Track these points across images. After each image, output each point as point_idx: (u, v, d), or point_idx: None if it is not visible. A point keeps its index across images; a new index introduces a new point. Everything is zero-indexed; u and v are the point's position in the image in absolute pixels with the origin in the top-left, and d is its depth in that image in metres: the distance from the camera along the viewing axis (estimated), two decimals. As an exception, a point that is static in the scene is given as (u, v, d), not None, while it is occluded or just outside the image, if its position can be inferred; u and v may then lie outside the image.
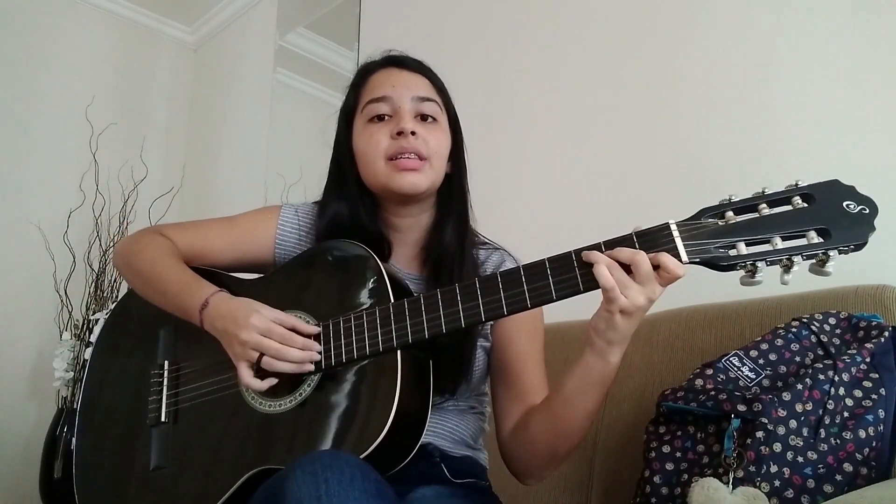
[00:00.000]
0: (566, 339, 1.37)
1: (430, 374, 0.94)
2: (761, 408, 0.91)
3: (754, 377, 1.00)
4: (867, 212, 0.74)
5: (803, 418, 0.91)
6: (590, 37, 1.81)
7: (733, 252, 0.77)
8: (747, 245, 0.77)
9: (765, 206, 0.77)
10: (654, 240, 0.80)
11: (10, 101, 2.76)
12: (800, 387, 0.93)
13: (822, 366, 0.95)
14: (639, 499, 1.02)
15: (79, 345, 2.49)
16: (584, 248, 0.83)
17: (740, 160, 1.46)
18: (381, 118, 1.05)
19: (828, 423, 0.90)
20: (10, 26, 2.79)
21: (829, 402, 0.91)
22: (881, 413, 0.90)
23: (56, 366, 2.45)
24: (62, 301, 2.59)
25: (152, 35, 3.23)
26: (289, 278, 1.05)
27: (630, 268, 0.79)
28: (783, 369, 1.00)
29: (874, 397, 0.91)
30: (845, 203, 0.75)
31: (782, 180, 0.79)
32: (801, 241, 0.75)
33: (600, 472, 1.27)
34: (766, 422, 0.90)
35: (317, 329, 0.94)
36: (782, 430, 0.90)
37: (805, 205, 0.76)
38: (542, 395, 1.01)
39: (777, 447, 0.89)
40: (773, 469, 0.88)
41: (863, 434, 0.89)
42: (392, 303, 0.91)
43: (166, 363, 1.07)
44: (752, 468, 0.88)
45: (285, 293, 1.02)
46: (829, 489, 0.86)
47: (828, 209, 0.75)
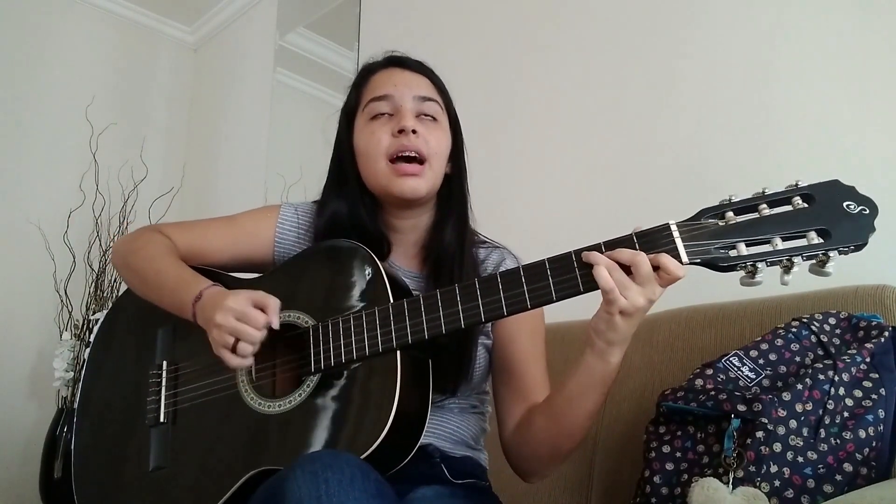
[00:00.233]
0: (566, 339, 1.37)
1: (430, 374, 0.94)
2: (761, 408, 0.91)
3: (754, 377, 1.00)
4: (867, 212, 0.74)
5: (803, 418, 0.91)
6: (590, 37, 1.81)
7: (733, 252, 0.77)
8: (747, 245, 0.77)
9: (765, 206, 0.77)
10: (654, 240, 0.80)
11: (10, 101, 2.76)
12: (800, 387, 0.93)
13: (822, 366, 0.95)
14: (639, 499, 1.02)
15: (79, 345, 2.49)
16: (584, 248, 0.82)
17: (740, 160, 1.46)
18: (381, 113, 1.05)
19: (828, 423, 0.90)
20: (10, 26, 2.79)
21: (829, 402, 0.91)
22: (881, 413, 0.90)
23: (56, 366, 2.45)
24: (62, 301, 2.59)
25: (152, 35, 3.23)
26: (287, 277, 1.04)
27: (630, 269, 0.79)
28: (783, 369, 1.00)
29: (874, 397, 0.91)
30: (845, 203, 0.75)
31: (782, 180, 0.79)
32: (801, 242, 0.75)
33: (600, 472, 1.27)
34: (766, 422, 0.90)
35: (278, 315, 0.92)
36: (782, 430, 0.90)
37: (805, 205, 0.76)
38: (544, 394, 1.02)
39: (777, 447, 0.89)
40: (773, 469, 0.88)
41: (863, 434, 0.89)
42: (391, 303, 0.91)
43: (165, 363, 1.07)
44: (752, 468, 0.88)
45: (283, 292, 1.01)
46: (829, 489, 0.86)
47: (828, 209, 0.75)
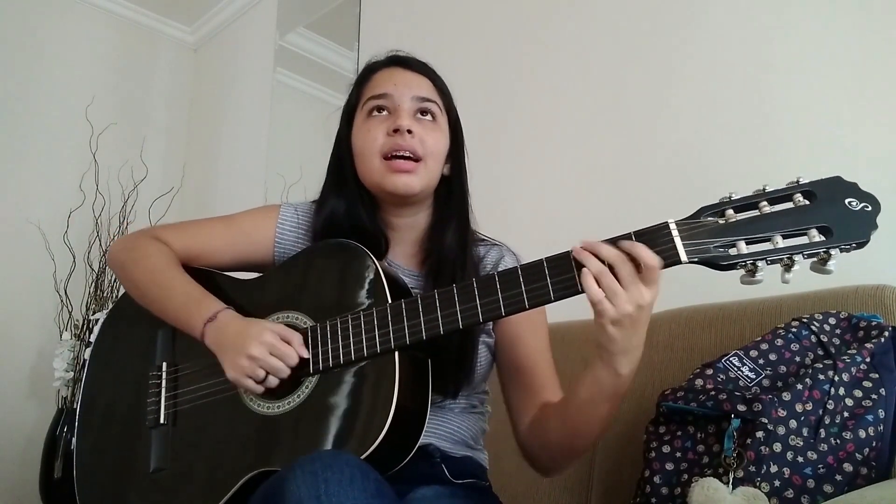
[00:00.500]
0: (566, 339, 1.37)
1: (429, 374, 0.94)
2: (761, 408, 0.91)
3: (754, 377, 1.00)
4: (870, 209, 0.73)
5: (803, 418, 0.90)
6: (590, 37, 1.81)
7: (733, 251, 0.76)
8: (747, 244, 0.75)
9: (765, 203, 0.76)
10: (652, 239, 0.79)
11: (10, 101, 2.76)
12: (800, 387, 0.93)
13: (822, 366, 0.95)
14: (639, 499, 1.02)
15: (79, 345, 2.49)
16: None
17: (740, 160, 1.46)
18: (379, 110, 1.05)
19: (828, 423, 0.90)
20: (10, 26, 2.79)
21: (829, 402, 0.91)
22: (881, 413, 0.90)
23: (56, 366, 2.45)
24: (62, 301, 2.59)
25: (152, 35, 3.23)
26: (285, 278, 1.04)
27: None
28: (783, 369, 1.00)
29: (874, 397, 0.91)
30: (847, 200, 0.74)
31: (782, 180, 0.78)
32: (802, 240, 0.74)
33: (600, 472, 1.27)
34: (766, 422, 0.90)
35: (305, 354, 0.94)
36: (782, 430, 0.89)
37: (807, 202, 0.75)
38: (554, 388, 1.02)
39: (777, 447, 0.89)
40: (773, 469, 0.87)
41: (863, 434, 0.89)
42: (390, 304, 0.91)
43: (164, 364, 1.06)
44: (752, 468, 0.88)
45: (281, 293, 1.01)
46: (829, 489, 0.86)
47: (830, 206, 0.74)
